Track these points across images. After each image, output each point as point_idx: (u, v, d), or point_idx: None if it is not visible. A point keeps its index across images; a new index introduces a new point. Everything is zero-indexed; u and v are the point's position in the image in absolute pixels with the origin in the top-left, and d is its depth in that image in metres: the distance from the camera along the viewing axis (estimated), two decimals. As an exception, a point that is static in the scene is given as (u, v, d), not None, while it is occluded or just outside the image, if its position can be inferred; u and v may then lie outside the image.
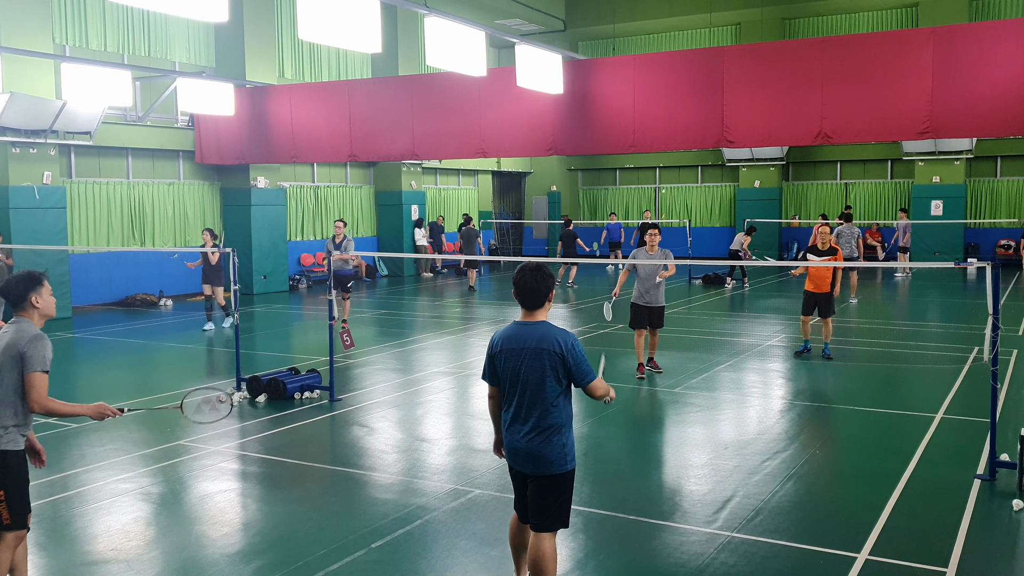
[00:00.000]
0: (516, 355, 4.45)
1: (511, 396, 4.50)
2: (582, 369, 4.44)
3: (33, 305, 4.54)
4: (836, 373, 11.21)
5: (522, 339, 4.47)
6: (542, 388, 4.40)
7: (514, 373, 4.45)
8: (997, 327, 6.62)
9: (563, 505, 4.53)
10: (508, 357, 4.48)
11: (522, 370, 4.42)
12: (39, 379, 4.37)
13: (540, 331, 4.46)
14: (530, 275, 4.48)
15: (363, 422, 8.98)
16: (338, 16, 10.37)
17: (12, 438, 4.39)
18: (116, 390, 10.55)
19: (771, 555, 5.48)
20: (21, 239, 15.81)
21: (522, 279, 4.50)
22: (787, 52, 14.50)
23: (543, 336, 4.44)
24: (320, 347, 12.41)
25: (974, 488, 6.58)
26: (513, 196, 33.35)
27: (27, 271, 4.66)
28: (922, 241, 26.11)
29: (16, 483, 4.39)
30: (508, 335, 4.53)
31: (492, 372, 4.59)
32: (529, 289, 4.48)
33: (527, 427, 4.43)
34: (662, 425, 8.82)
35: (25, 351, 4.37)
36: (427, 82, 17.37)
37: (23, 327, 4.49)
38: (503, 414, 4.59)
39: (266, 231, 21.22)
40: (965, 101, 12.72)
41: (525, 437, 4.43)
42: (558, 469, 4.44)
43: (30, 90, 15.77)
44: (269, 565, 5.39)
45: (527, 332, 4.48)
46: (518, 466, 4.55)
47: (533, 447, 4.42)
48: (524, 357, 4.42)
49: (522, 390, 4.43)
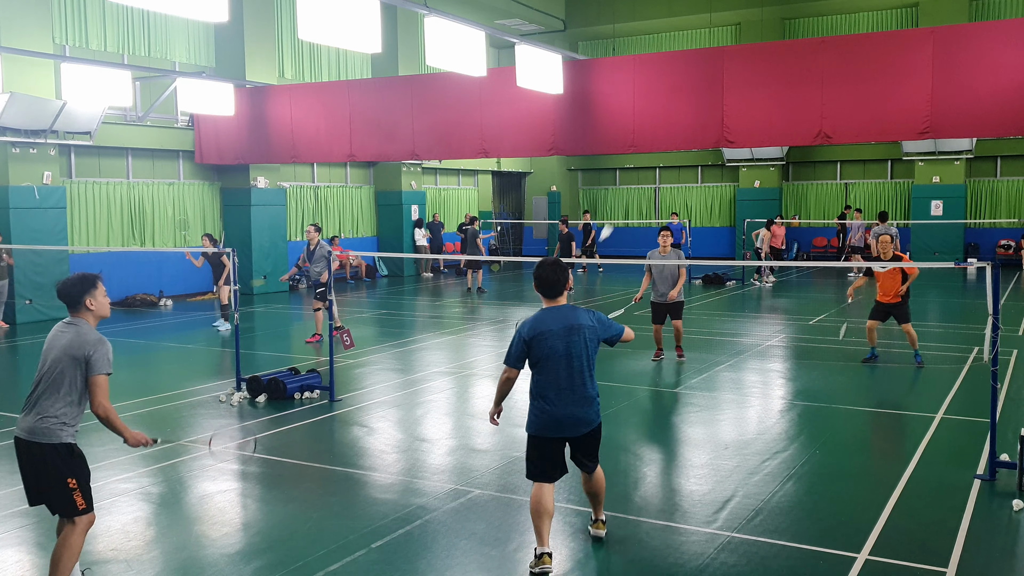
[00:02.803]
0: (557, 335, 5.18)
1: (555, 372, 5.17)
2: (612, 329, 5.41)
3: (88, 307, 4.79)
4: (836, 373, 11.20)
5: (560, 320, 5.23)
6: (583, 359, 5.21)
7: (556, 351, 5.16)
8: (997, 327, 6.62)
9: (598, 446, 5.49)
10: (550, 337, 5.17)
11: (567, 347, 5.17)
12: (105, 381, 4.70)
13: (570, 311, 5.29)
14: (550, 269, 5.28)
15: (363, 422, 8.98)
16: (338, 16, 10.37)
17: (71, 433, 4.73)
18: (116, 390, 10.47)
19: (771, 555, 5.48)
20: (21, 239, 15.81)
21: (544, 273, 5.27)
22: (787, 52, 14.50)
23: (575, 314, 5.28)
24: (320, 347, 12.42)
25: (974, 488, 6.58)
26: (513, 196, 33.35)
27: (82, 273, 4.89)
28: (922, 241, 26.11)
29: (85, 472, 4.78)
30: (544, 319, 5.24)
31: (522, 356, 5.24)
32: (552, 280, 5.28)
33: (576, 396, 5.20)
34: (662, 425, 8.82)
35: (91, 354, 4.64)
36: (427, 82, 17.37)
37: (83, 330, 4.73)
38: (544, 391, 5.20)
39: (266, 231, 21.22)
40: (965, 101, 12.72)
41: (576, 405, 5.20)
42: (597, 421, 5.36)
43: (30, 90, 15.76)
44: (269, 565, 5.39)
45: (561, 314, 5.26)
46: (564, 432, 5.24)
47: (582, 412, 5.23)
48: (565, 335, 5.18)
49: (568, 363, 5.17)
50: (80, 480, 4.72)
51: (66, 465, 4.67)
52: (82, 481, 4.73)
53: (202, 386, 10.63)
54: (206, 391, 10.32)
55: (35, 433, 4.65)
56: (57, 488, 4.67)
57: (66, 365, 4.64)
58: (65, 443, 4.68)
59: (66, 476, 4.67)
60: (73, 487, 4.68)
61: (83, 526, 4.74)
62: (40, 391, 4.69)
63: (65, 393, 4.66)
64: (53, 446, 4.64)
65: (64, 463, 4.66)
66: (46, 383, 4.68)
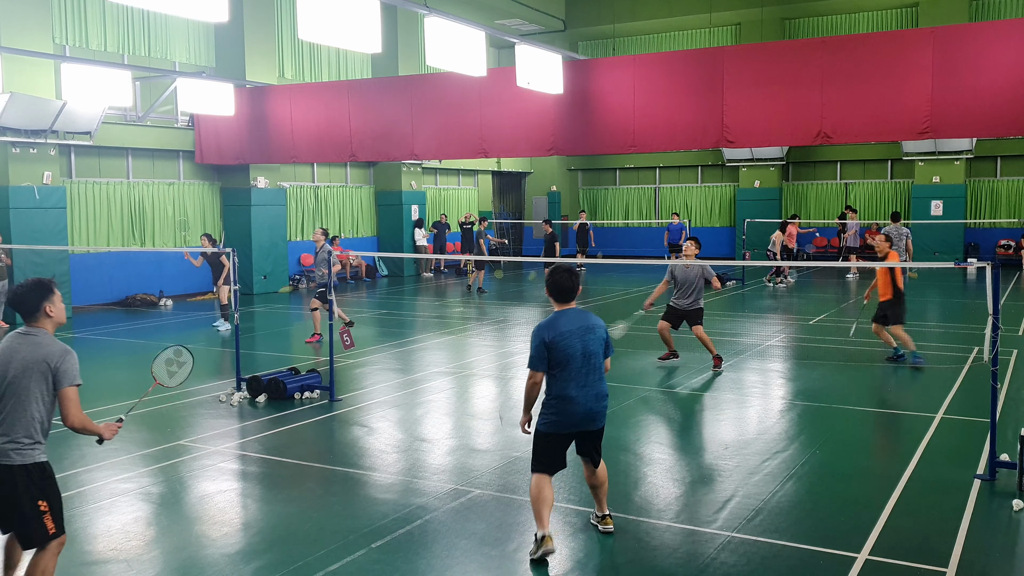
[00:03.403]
0: (576, 335, 5.46)
1: (574, 370, 5.43)
2: (611, 344, 5.72)
3: (47, 314, 4.53)
4: (836, 373, 11.20)
5: (577, 321, 5.52)
6: (598, 358, 5.55)
7: (576, 349, 5.43)
8: (997, 327, 6.62)
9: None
10: (570, 337, 5.44)
11: (585, 345, 5.46)
12: (76, 393, 4.46)
13: (581, 314, 5.59)
14: (565, 276, 5.58)
15: (363, 422, 8.98)
16: (338, 16, 10.37)
17: (42, 451, 4.47)
18: (116, 390, 10.55)
19: (771, 555, 5.48)
20: (21, 239, 15.81)
21: (558, 280, 5.55)
22: (787, 52, 14.50)
23: (587, 316, 5.60)
24: (320, 347, 12.41)
25: (974, 488, 6.58)
26: (513, 196, 33.34)
27: (36, 279, 4.61)
28: (922, 241, 26.10)
29: (56, 493, 4.52)
30: (561, 321, 5.49)
31: (545, 359, 5.44)
32: (567, 287, 5.57)
33: (594, 391, 5.54)
34: (662, 425, 8.82)
35: (58, 366, 4.40)
36: (427, 82, 17.37)
37: (45, 340, 4.48)
38: (565, 391, 5.44)
39: (266, 231, 21.22)
40: (965, 101, 12.71)
41: (595, 400, 5.55)
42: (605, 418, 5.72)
43: (30, 90, 15.77)
44: (269, 565, 5.39)
45: (576, 316, 5.56)
46: (580, 427, 5.54)
47: (599, 407, 5.59)
48: (583, 334, 5.47)
49: (587, 361, 5.46)
50: (51, 502, 4.44)
51: (37, 487, 4.39)
52: (54, 503, 4.46)
53: (202, 386, 10.62)
54: (206, 391, 10.32)
55: (4, 455, 4.34)
56: (29, 512, 4.37)
57: (32, 379, 4.36)
58: (38, 463, 4.41)
59: (37, 499, 4.38)
60: (44, 510, 4.40)
61: (55, 549, 4.50)
62: (7, 409, 4.37)
63: (35, 409, 4.39)
64: (25, 467, 4.36)
65: (36, 485, 4.39)
66: (10, 399, 4.37)
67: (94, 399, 10.12)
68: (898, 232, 17.76)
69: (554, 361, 5.43)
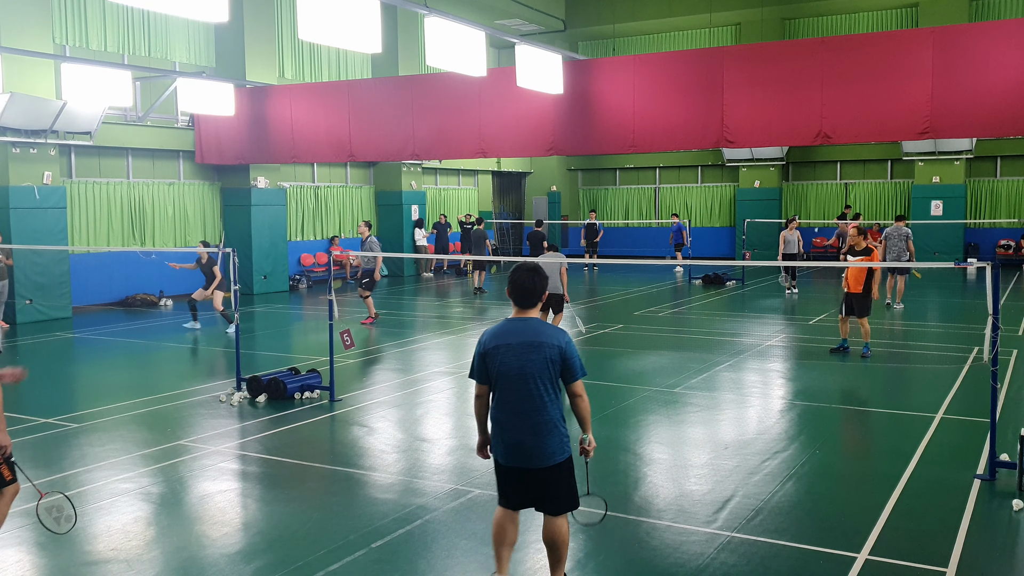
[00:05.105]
0: (514, 349, 4.56)
1: (509, 392, 4.58)
2: (576, 364, 4.61)
3: None
4: (836, 373, 11.20)
5: (519, 334, 4.60)
6: (540, 381, 4.54)
7: (511, 368, 4.55)
8: (997, 327, 6.62)
9: (572, 489, 4.72)
10: (506, 352, 4.57)
11: (521, 365, 4.54)
12: None
13: (535, 326, 4.64)
14: (527, 275, 4.67)
15: (363, 422, 8.98)
16: (338, 16, 10.37)
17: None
18: (116, 390, 10.55)
19: (771, 555, 5.48)
20: (21, 239, 15.81)
21: (519, 279, 4.67)
22: (787, 52, 14.49)
23: (539, 330, 4.61)
24: (320, 347, 12.41)
25: (974, 488, 6.58)
26: (513, 196, 33.35)
27: None
28: (922, 241, 26.11)
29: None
30: (502, 331, 4.65)
31: (483, 370, 4.67)
32: (526, 288, 4.67)
33: (530, 422, 4.55)
34: (662, 425, 8.82)
35: None
36: (427, 82, 17.37)
37: None
38: (496, 412, 4.65)
39: (266, 231, 21.22)
40: (965, 101, 12.72)
41: (527, 433, 4.55)
42: (560, 458, 4.62)
43: (30, 90, 15.77)
44: (269, 565, 5.39)
45: (523, 327, 4.63)
46: (517, 462, 4.62)
47: (534, 442, 4.55)
48: (522, 351, 4.54)
49: (521, 385, 4.54)
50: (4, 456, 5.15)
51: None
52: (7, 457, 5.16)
53: (202, 386, 10.63)
54: (206, 391, 10.32)
55: None
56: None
57: None
58: None
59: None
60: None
61: (8, 496, 5.20)
62: None
63: None
64: None
65: None
66: None
67: (94, 399, 10.12)
68: (899, 233, 17.50)
69: (490, 375, 4.64)
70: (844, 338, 12.19)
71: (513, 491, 4.72)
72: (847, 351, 12.11)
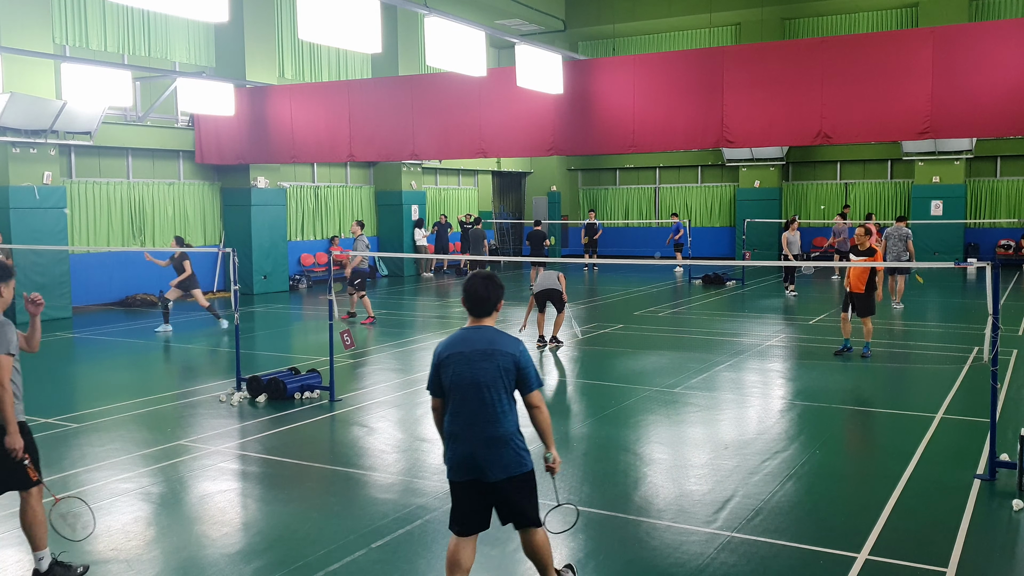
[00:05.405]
0: (466, 359, 4.41)
1: (462, 403, 4.42)
2: (531, 373, 4.46)
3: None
4: (836, 373, 11.20)
5: (471, 342, 4.45)
6: (493, 391, 4.38)
7: (464, 378, 4.40)
8: (997, 327, 6.62)
9: (535, 501, 4.57)
10: (458, 362, 4.42)
11: (474, 374, 4.38)
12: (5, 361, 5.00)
13: (489, 335, 4.48)
14: (481, 283, 4.53)
15: (363, 422, 8.98)
16: (338, 16, 10.37)
17: (20, 410, 5.05)
18: (116, 390, 10.55)
19: (771, 555, 5.48)
20: (21, 239, 15.81)
21: (473, 287, 4.53)
22: (787, 52, 14.49)
23: (493, 339, 4.46)
24: (320, 347, 12.40)
25: (974, 488, 6.58)
26: (513, 196, 33.35)
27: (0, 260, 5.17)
28: (922, 241, 26.11)
29: (35, 446, 5.14)
30: (455, 340, 4.51)
31: (437, 382, 4.52)
32: (480, 297, 4.52)
33: (483, 434, 4.38)
34: (662, 425, 8.82)
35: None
36: (427, 82, 17.37)
37: None
38: (449, 424, 4.48)
39: (266, 231, 21.22)
40: (965, 101, 12.72)
41: (481, 444, 4.38)
42: (517, 471, 4.44)
43: (30, 90, 15.77)
44: (269, 565, 5.39)
45: (476, 336, 4.48)
46: (470, 475, 4.43)
47: (488, 454, 4.38)
48: (475, 359, 4.40)
49: (474, 395, 4.38)
50: (32, 454, 5.09)
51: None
52: (33, 455, 5.11)
53: (202, 386, 10.63)
54: (206, 391, 10.32)
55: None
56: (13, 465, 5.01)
57: None
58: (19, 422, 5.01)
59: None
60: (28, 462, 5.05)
61: (37, 495, 5.13)
62: None
63: None
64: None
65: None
66: None
67: (94, 399, 10.12)
68: (899, 233, 17.51)
69: (444, 386, 4.49)
70: (847, 339, 12.15)
71: (470, 510, 4.50)
72: (851, 351, 12.06)
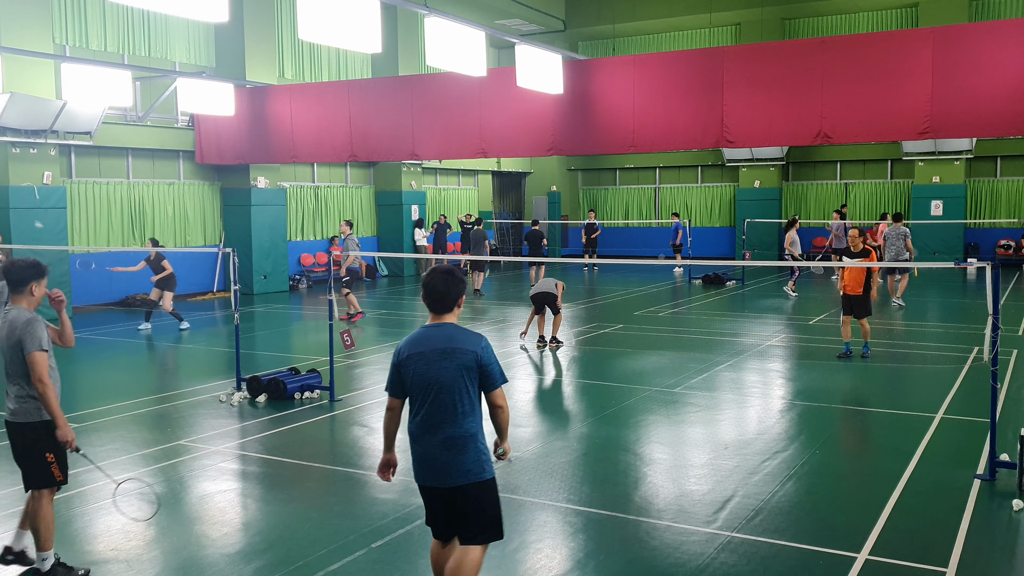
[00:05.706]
0: (426, 358, 4.27)
1: (421, 403, 4.29)
2: (494, 370, 4.31)
3: (31, 293, 5.14)
4: (836, 373, 11.20)
5: (431, 340, 4.31)
6: (454, 390, 4.23)
7: (424, 377, 4.26)
8: (997, 327, 6.62)
9: (493, 515, 4.36)
10: (418, 361, 4.28)
11: (433, 372, 4.24)
12: (39, 357, 4.98)
13: (449, 331, 4.34)
14: (440, 279, 4.38)
15: (363, 422, 8.98)
16: (338, 16, 10.37)
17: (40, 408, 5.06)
18: (116, 390, 10.55)
19: (771, 555, 5.48)
20: (21, 239, 15.81)
21: (432, 282, 4.38)
22: (787, 52, 14.49)
23: (453, 336, 4.31)
24: (320, 347, 12.40)
25: (974, 488, 6.58)
26: (513, 196, 33.35)
27: (34, 260, 5.23)
28: (922, 241, 26.11)
29: (59, 446, 5.12)
30: (415, 339, 4.37)
31: (397, 382, 4.38)
32: (439, 292, 4.37)
33: (440, 435, 4.24)
34: (662, 425, 8.82)
35: (22, 336, 4.97)
36: (427, 82, 17.37)
37: (14, 314, 5.06)
38: (410, 426, 4.37)
39: (266, 231, 21.22)
40: (965, 101, 12.72)
41: (439, 446, 4.24)
42: (476, 478, 4.26)
43: (30, 90, 15.77)
44: (269, 565, 5.39)
45: (436, 333, 4.33)
46: (430, 480, 4.32)
47: (447, 457, 4.23)
48: (434, 358, 4.25)
49: (436, 394, 4.24)
50: (57, 454, 5.12)
51: (44, 442, 5.08)
52: (58, 454, 5.13)
53: (202, 386, 10.63)
54: (206, 391, 10.32)
55: (17, 414, 5.08)
56: (38, 463, 5.09)
57: (12, 351, 5.02)
58: (44, 420, 5.06)
59: (45, 451, 5.09)
60: (51, 461, 5.10)
61: (50, 496, 5.18)
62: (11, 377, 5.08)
63: (27, 374, 5.01)
64: (33, 425, 5.06)
65: (43, 440, 5.07)
66: (11, 369, 5.06)
67: (94, 399, 10.12)
68: (897, 232, 17.48)
69: (406, 386, 4.35)
70: (847, 342, 11.99)
71: (439, 520, 4.38)
72: (852, 355, 11.90)
